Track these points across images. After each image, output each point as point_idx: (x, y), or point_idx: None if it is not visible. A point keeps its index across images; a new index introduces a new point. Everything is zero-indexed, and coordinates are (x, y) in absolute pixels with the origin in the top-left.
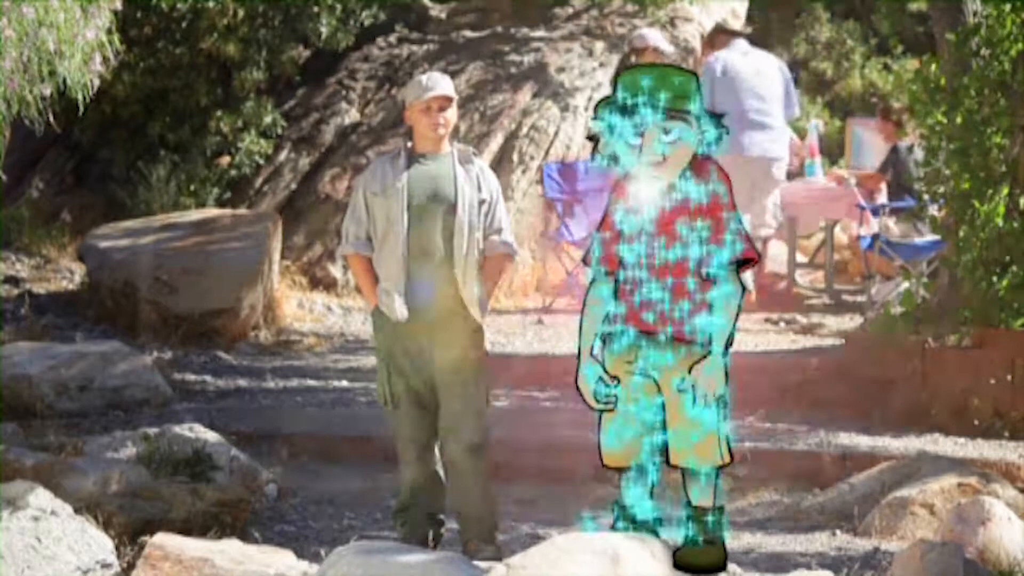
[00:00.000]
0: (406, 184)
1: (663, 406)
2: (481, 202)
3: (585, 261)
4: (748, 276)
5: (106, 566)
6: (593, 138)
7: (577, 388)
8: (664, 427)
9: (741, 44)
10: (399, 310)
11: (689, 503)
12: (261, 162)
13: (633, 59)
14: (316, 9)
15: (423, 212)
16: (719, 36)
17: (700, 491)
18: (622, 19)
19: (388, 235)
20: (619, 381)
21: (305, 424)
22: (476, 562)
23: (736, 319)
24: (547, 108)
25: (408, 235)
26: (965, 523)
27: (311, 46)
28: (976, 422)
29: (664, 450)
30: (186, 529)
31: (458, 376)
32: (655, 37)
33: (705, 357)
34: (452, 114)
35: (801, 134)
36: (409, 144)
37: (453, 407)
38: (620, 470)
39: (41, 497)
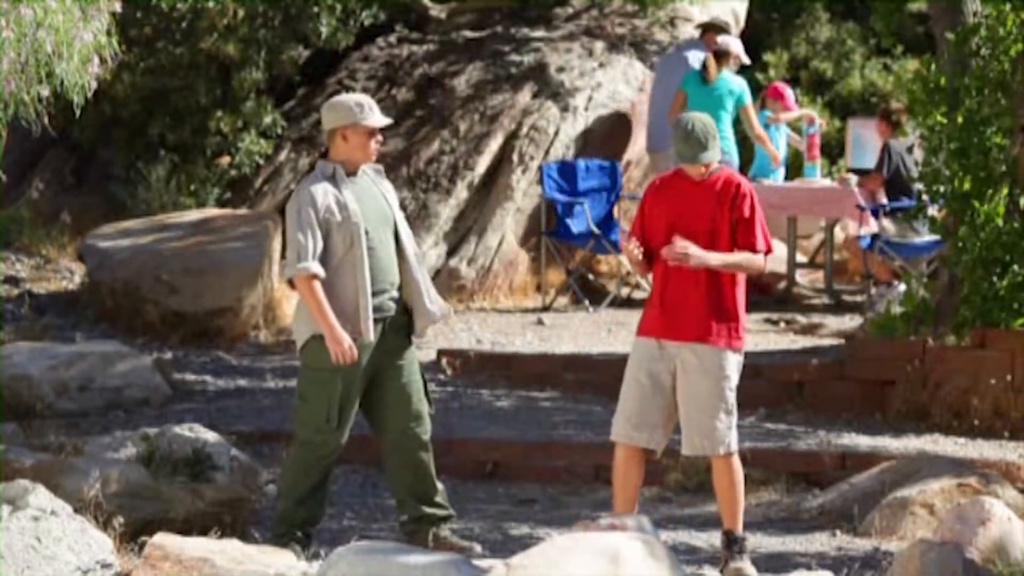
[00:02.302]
0: (357, 205)
1: None
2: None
3: None
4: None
5: (106, 566)
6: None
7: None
8: None
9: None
10: (369, 332)
11: None
12: (261, 162)
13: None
14: (316, 9)
15: (375, 231)
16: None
17: None
18: (622, 19)
19: (346, 259)
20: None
21: None
22: (476, 562)
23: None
24: (547, 108)
25: (368, 256)
26: (965, 523)
27: (311, 46)
28: (976, 422)
29: None
30: (186, 529)
31: (413, 377)
32: (738, 47)
33: None
34: None
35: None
36: (337, 164)
37: (411, 405)
38: None
39: (41, 497)
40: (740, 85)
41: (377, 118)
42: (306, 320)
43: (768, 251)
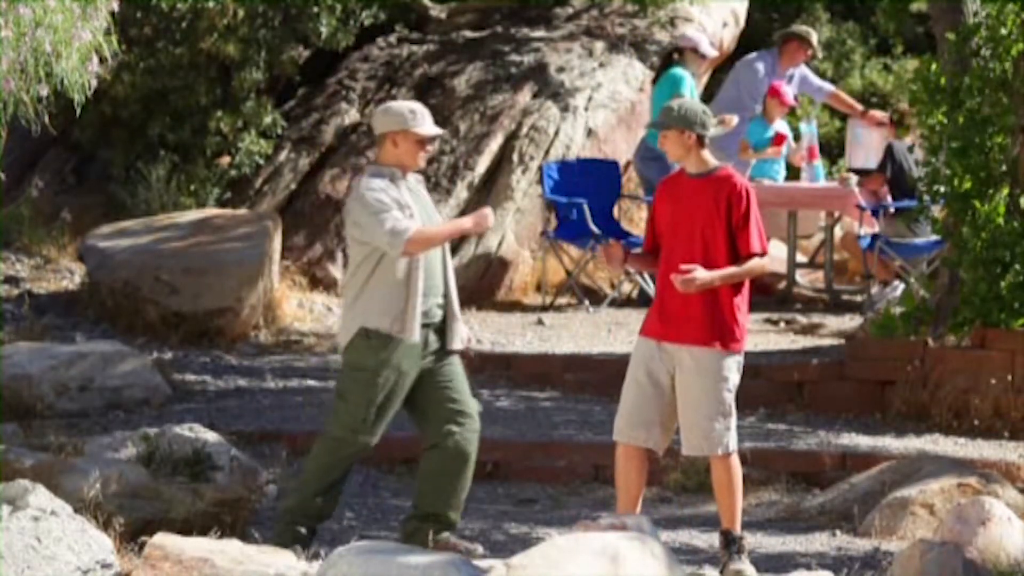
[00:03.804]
0: (414, 205)
1: None
2: None
3: None
4: None
5: (106, 566)
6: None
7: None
8: None
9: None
10: (414, 333)
11: None
12: (261, 162)
13: (675, 57)
14: (316, 9)
15: None
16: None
17: None
18: (622, 19)
19: (401, 258)
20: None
21: (305, 424)
22: (476, 562)
23: None
24: (547, 108)
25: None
26: (965, 523)
27: (311, 46)
28: (976, 422)
29: None
30: (186, 529)
31: (459, 377)
32: (697, 39)
33: None
34: None
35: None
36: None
37: (458, 404)
38: None
39: (41, 497)
40: (677, 74)
41: (429, 127)
42: (352, 317)
43: (764, 251)
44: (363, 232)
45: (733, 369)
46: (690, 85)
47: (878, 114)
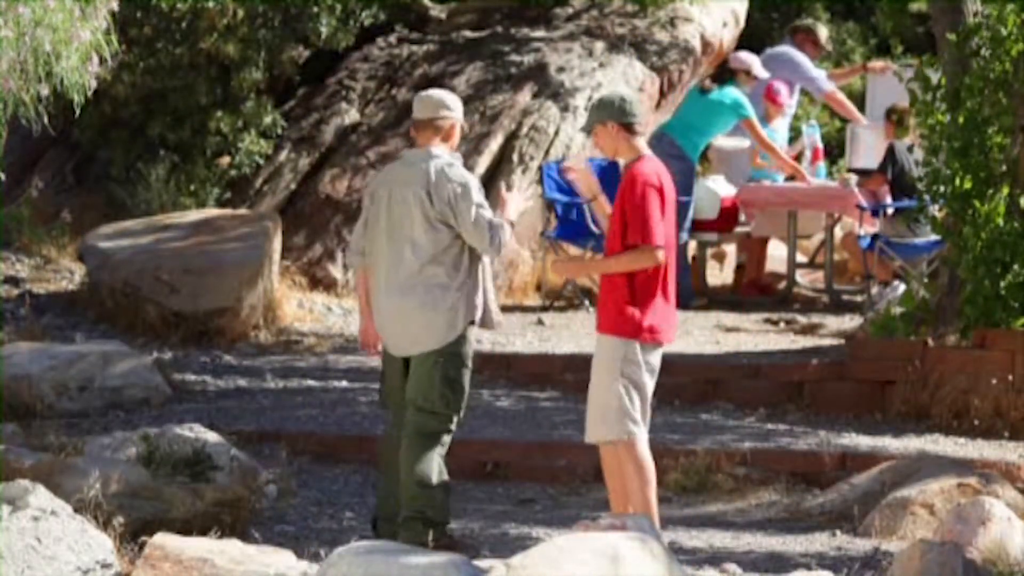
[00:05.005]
0: None
1: None
2: None
3: None
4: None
5: (106, 566)
6: None
7: None
8: None
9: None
10: (498, 317)
11: None
12: (261, 162)
13: (727, 77)
14: (316, 9)
15: None
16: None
17: None
18: (622, 19)
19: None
20: None
21: (305, 424)
22: (476, 562)
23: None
24: (547, 108)
25: None
26: (965, 523)
27: (311, 46)
28: (976, 422)
29: None
30: (186, 529)
31: None
32: (750, 61)
33: None
34: None
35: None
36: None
37: None
38: None
39: (41, 497)
40: (739, 99)
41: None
42: (461, 307)
43: (646, 242)
44: (459, 222)
45: (628, 354)
46: (750, 106)
47: (877, 64)
